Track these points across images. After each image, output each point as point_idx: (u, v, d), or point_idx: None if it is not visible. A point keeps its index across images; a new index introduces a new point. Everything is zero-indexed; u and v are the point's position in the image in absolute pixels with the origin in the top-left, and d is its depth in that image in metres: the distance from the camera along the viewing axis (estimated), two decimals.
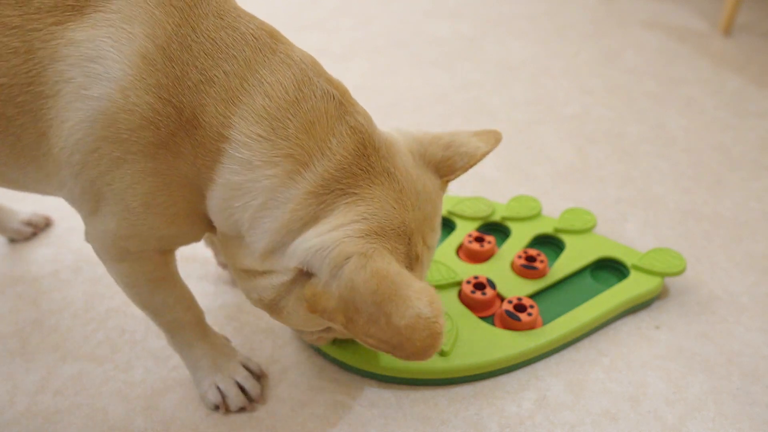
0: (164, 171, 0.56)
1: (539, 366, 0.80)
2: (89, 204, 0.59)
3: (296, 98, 0.55)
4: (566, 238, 0.97)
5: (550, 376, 0.79)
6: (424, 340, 0.50)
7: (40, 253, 0.99)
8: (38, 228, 1.03)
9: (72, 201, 0.61)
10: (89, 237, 0.64)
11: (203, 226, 0.63)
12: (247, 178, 0.55)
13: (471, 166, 0.67)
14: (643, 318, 0.88)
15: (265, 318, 0.87)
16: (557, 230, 0.98)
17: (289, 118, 0.54)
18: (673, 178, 1.19)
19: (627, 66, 1.66)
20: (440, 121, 1.38)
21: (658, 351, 0.82)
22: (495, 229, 1.02)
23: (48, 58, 0.53)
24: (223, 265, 0.91)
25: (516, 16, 2.00)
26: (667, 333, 0.85)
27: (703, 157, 1.26)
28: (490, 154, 1.26)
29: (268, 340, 0.84)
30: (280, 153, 0.54)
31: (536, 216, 1.01)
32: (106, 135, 0.53)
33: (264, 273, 0.58)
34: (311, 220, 0.55)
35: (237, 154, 0.54)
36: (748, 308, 0.89)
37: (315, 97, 0.55)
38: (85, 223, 0.62)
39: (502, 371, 0.79)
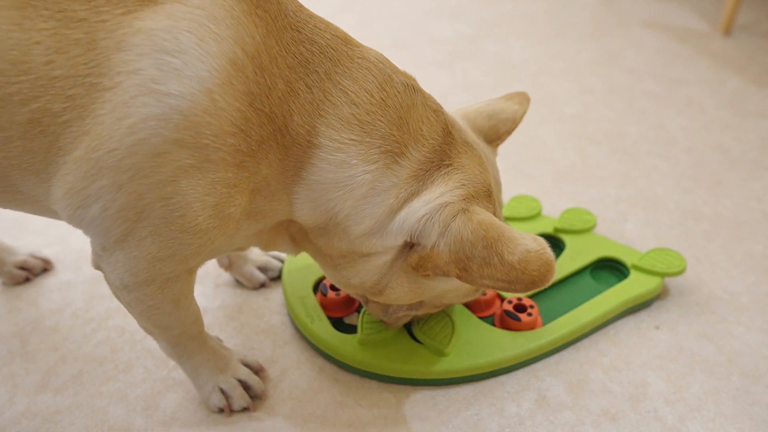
0: (244, 179, 0.54)
1: (539, 366, 0.80)
2: (123, 226, 0.53)
3: (382, 99, 0.58)
4: (566, 238, 0.97)
5: (550, 376, 0.79)
6: (539, 269, 0.55)
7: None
8: (33, 272, 0.94)
9: (94, 223, 0.53)
10: (109, 265, 0.57)
11: (250, 234, 0.63)
12: (346, 174, 0.57)
13: (514, 130, 0.75)
14: (643, 318, 0.88)
15: (265, 318, 0.87)
16: (557, 230, 0.98)
17: (379, 120, 0.57)
18: (673, 178, 1.19)
19: (627, 66, 1.66)
20: None
21: (658, 351, 0.82)
22: None
23: (113, 48, 0.48)
24: (224, 266, 0.91)
25: (516, 16, 2.00)
26: (667, 333, 0.85)
27: (703, 157, 1.26)
28: None
29: (268, 340, 0.84)
30: (376, 151, 0.57)
31: (536, 216, 1.01)
32: (180, 138, 0.49)
33: (365, 255, 0.62)
34: (410, 196, 0.59)
35: (330, 157, 0.57)
36: (748, 308, 0.89)
37: (398, 92, 0.59)
38: (106, 251, 0.56)
39: (502, 371, 0.79)
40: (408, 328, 0.81)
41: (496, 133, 0.74)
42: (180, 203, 0.52)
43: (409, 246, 0.61)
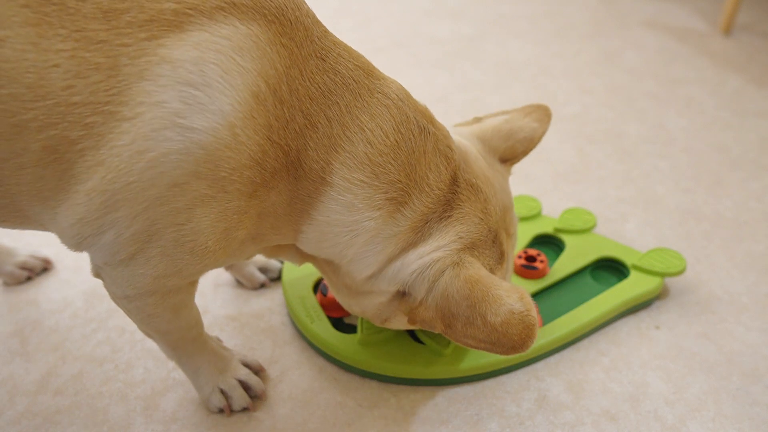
0: (254, 206, 0.54)
1: (539, 366, 0.80)
2: (133, 247, 0.52)
3: (396, 141, 0.57)
4: (566, 238, 0.97)
5: (550, 376, 0.79)
6: (521, 333, 0.54)
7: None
8: (34, 272, 0.94)
9: (104, 248, 0.52)
10: (110, 278, 0.57)
11: (254, 252, 0.64)
12: (352, 218, 0.57)
13: (531, 150, 0.73)
14: (643, 318, 0.88)
15: (265, 318, 0.87)
16: (557, 230, 0.98)
17: (390, 163, 0.57)
18: (673, 178, 1.19)
19: (627, 66, 1.66)
20: (441, 121, 1.38)
21: (658, 351, 0.82)
22: None
23: (135, 76, 0.46)
24: (225, 267, 0.91)
25: (516, 16, 2.00)
26: (667, 333, 0.85)
27: (703, 157, 1.26)
28: None
29: (268, 340, 0.84)
30: (382, 197, 0.57)
31: (536, 216, 1.01)
32: (200, 171, 0.48)
33: (365, 293, 0.64)
34: (409, 245, 0.59)
35: (340, 197, 0.56)
36: (748, 308, 0.89)
37: (413, 136, 0.58)
38: (108, 266, 0.55)
39: (502, 371, 0.79)
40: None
41: (512, 153, 0.72)
42: (193, 229, 0.52)
43: (404, 293, 0.62)
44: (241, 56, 0.49)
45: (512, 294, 0.55)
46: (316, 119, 0.54)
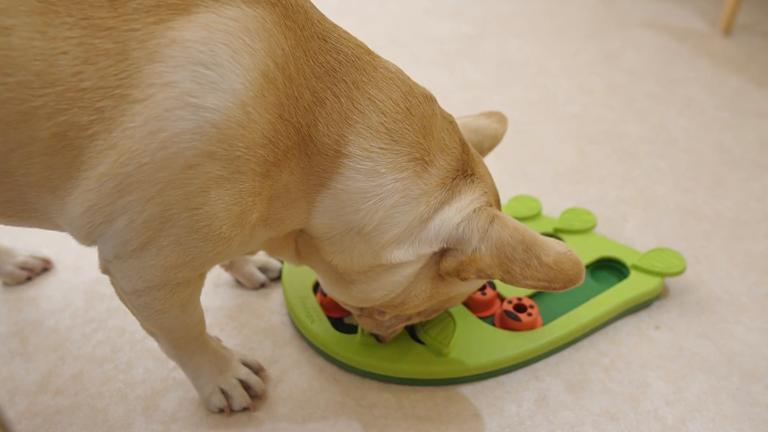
0: (267, 187, 0.54)
1: (539, 366, 0.80)
2: (145, 235, 0.52)
3: (407, 108, 0.58)
4: (566, 238, 0.97)
5: (550, 376, 0.79)
6: (573, 268, 0.58)
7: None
8: (34, 272, 0.94)
9: (116, 236, 0.52)
10: (120, 271, 0.56)
11: (262, 240, 0.64)
12: (375, 183, 0.58)
13: (495, 147, 0.77)
14: (643, 318, 0.88)
15: (265, 318, 0.87)
16: (557, 230, 0.98)
17: (406, 128, 0.58)
18: (673, 178, 1.19)
19: (627, 66, 1.66)
20: None
21: (658, 351, 0.82)
22: None
23: (145, 59, 0.46)
24: (225, 266, 0.91)
25: (516, 16, 2.00)
26: (667, 333, 0.85)
27: (703, 157, 1.26)
28: (490, 154, 1.26)
29: (268, 340, 0.84)
30: (405, 159, 0.58)
31: (536, 216, 1.01)
32: (213, 151, 0.49)
33: (390, 268, 0.63)
34: (441, 205, 0.61)
35: (359, 166, 0.57)
36: (748, 308, 0.89)
37: (420, 103, 0.60)
38: (119, 258, 0.54)
39: (502, 371, 0.79)
40: (410, 328, 0.81)
41: (479, 148, 0.75)
42: (207, 213, 0.51)
43: (442, 254, 0.62)
44: (249, 36, 0.49)
45: (551, 240, 0.59)
46: (324, 96, 0.55)
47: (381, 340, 0.78)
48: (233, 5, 0.50)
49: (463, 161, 0.63)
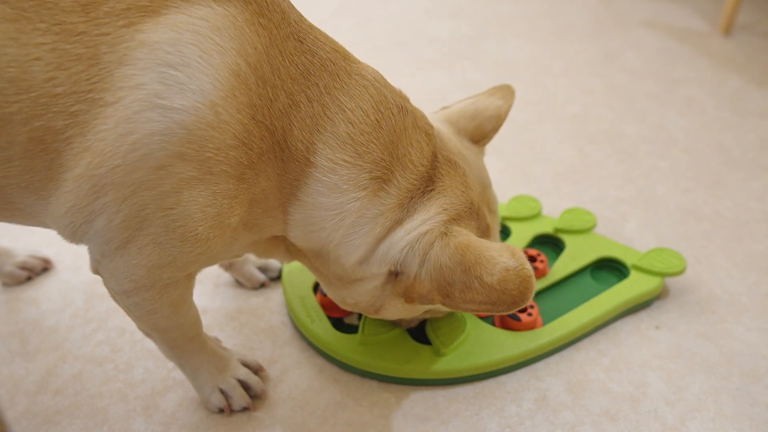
0: (243, 191, 0.54)
1: (539, 366, 0.80)
2: (124, 234, 0.52)
3: (376, 120, 0.57)
4: (566, 238, 0.97)
5: (550, 376, 0.79)
6: (519, 287, 0.55)
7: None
8: (34, 272, 0.95)
9: (97, 235, 0.52)
10: (108, 271, 0.57)
11: (247, 243, 0.63)
12: (337, 200, 0.57)
13: (500, 127, 0.74)
14: (643, 318, 0.88)
15: (265, 318, 0.87)
16: (557, 230, 0.98)
17: (372, 142, 0.57)
18: (673, 178, 1.19)
19: (627, 66, 1.66)
20: None
21: (658, 351, 0.82)
22: None
23: (115, 63, 0.47)
24: (224, 266, 0.91)
25: (516, 16, 2.00)
26: (667, 333, 0.85)
27: (703, 157, 1.26)
28: (490, 155, 1.26)
29: (268, 340, 0.84)
30: (367, 177, 0.57)
31: (536, 216, 1.01)
32: (184, 152, 0.49)
33: (356, 281, 0.63)
34: (396, 224, 0.59)
35: (324, 178, 0.56)
36: (748, 308, 0.89)
37: (393, 114, 0.58)
38: (105, 257, 0.55)
39: (502, 371, 0.79)
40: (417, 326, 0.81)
41: (481, 132, 0.73)
42: (181, 213, 0.51)
43: (396, 273, 0.62)
44: (219, 36, 0.49)
45: (504, 252, 0.56)
46: (298, 99, 0.54)
47: (402, 325, 0.79)
48: (203, 5, 0.49)
49: (427, 177, 0.61)
